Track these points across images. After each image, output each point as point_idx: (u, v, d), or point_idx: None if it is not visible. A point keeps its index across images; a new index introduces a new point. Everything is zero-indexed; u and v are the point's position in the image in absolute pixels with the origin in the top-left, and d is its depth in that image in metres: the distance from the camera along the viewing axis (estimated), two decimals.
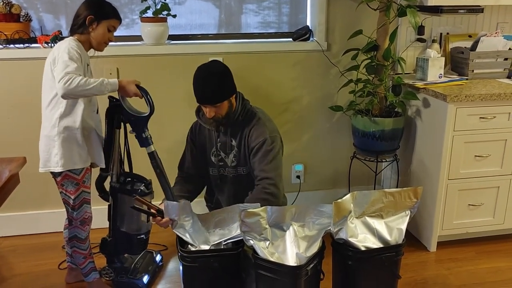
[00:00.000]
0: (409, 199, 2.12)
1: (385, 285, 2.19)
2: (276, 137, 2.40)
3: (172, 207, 2.13)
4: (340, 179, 3.35)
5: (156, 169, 2.31)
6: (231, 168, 2.46)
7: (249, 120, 2.41)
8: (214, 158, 2.48)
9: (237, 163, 2.44)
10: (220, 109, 2.31)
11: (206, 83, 2.27)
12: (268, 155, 2.33)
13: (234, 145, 2.41)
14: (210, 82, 2.27)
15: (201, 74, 2.30)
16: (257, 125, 2.38)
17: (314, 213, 2.06)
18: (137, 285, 2.46)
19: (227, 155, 2.44)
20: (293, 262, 1.97)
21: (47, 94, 2.15)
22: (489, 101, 2.61)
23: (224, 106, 2.31)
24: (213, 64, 2.37)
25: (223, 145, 2.44)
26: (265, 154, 2.33)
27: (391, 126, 2.78)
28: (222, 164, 2.47)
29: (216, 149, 2.45)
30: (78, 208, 2.25)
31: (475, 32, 3.19)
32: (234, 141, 2.41)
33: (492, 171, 2.75)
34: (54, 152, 2.15)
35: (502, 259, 2.77)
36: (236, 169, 2.45)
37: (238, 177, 2.46)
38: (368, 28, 2.87)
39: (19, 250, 2.87)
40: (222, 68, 2.34)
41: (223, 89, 2.30)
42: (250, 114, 2.42)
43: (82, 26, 2.16)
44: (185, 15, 3.05)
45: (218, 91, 2.28)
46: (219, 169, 2.48)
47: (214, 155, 2.47)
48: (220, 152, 2.45)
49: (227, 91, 2.32)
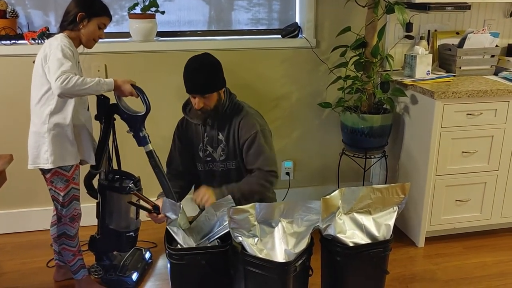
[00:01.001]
0: (397, 195, 2.14)
1: (373, 281, 2.20)
2: (266, 130, 2.42)
3: (170, 205, 2.14)
4: (329, 176, 3.36)
5: (155, 167, 2.30)
6: (219, 162, 2.45)
7: (237, 113, 2.41)
8: (201, 154, 2.47)
9: (226, 157, 2.43)
10: (209, 100, 2.31)
11: (198, 73, 2.28)
12: (264, 151, 2.35)
13: (222, 139, 2.41)
14: (202, 72, 2.28)
15: (193, 64, 2.31)
16: (246, 118, 2.38)
17: (302, 210, 2.06)
18: (126, 282, 2.45)
19: (214, 150, 2.44)
20: (282, 258, 1.98)
21: (37, 90, 2.13)
22: (476, 97, 2.63)
23: (213, 98, 2.32)
24: (205, 56, 2.36)
25: (210, 139, 2.43)
26: (261, 149, 2.34)
27: (380, 122, 2.79)
28: (210, 159, 2.46)
29: (204, 144, 2.45)
30: (68, 205, 2.24)
31: (462, 29, 3.21)
32: (221, 135, 2.41)
33: (479, 167, 2.78)
34: (44, 148, 2.13)
35: (489, 254, 2.80)
36: (225, 163, 2.45)
37: (227, 172, 2.46)
38: (356, 25, 2.88)
39: (6, 248, 2.85)
40: (214, 60, 2.35)
41: (214, 80, 2.31)
42: (237, 107, 2.43)
43: (72, 23, 2.14)
44: (174, 11, 3.03)
45: (209, 82, 2.29)
46: (208, 164, 2.48)
47: (202, 151, 2.46)
48: (207, 147, 2.44)
49: (217, 83, 2.33)
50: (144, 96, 2.23)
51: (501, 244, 2.90)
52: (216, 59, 2.36)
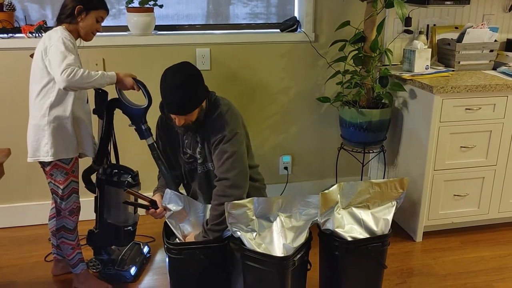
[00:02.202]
0: (395, 189, 2.14)
1: (372, 275, 2.21)
2: (237, 134, 2.18)
3: (173, 196, 2.14)
4: (327, 170, 3.36)
5: (157, 160, 2.30)
6: (199, 164, 2.33)
7: (212, 112, 2.22)
8: (183, 156, 2.37)
9: (203, 159, 2.29)
10: (191, 116, 2.15)
11: (176, 93, 2.08)
12: (224, 155, 2.15)
13: (199, 141, 2.27)
14: (180, 91, 2.08)
15: (170, 83, 2.10)
16: (217, 119, 2.20)
17: (301, 204, 2.07)
18: (124, 276, 2.45)
19: (194, 151, 2.32)
20: (280, 252, 1.98)
21: (36, 83, 2.12)
22: (475, 92, 2.63)
23: (194, 114, 2.15)
24: (182, 69, 2.14)
25: (189, 142, 2.32)
26: (222, 153, 2.15)
27: (378, 117, 2.79)
28: (192, 161, 2.35)
29: (183, 146, 2.35)
30: (67, 198, 2.24)
31: (461, 23, 3.20)
32: (198, 137, 2.26)
33: (477, 162, 2.78)
34: (44, 141, 2.13)
35: (486, 248, 2.81)
36: (204, 165, 2.31)
37: (207, 173, 2.33)
38: (355, 19, 2.87)
39: (3, 243, 2.84)
40: (192, 72, 2.13)
41: (195, 99, 2.12)
42: (213, 106, 2.23)
43: (70, 16, 2.13)
44: (172, 5, 3.02)
45: (189, 102, 2.10)
46: (190, 164, 2.37)
47: (183, 152, 2.37)
48: (186, 149, 2.34)
49: (198, 99, 2.14)
50: (146, 89, 2.23)
51: (498, 239, 2.91)
52: (195, 71, 2.14)
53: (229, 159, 2.14)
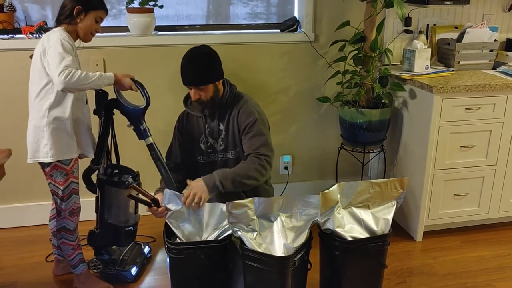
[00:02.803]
0: (395, 189, 2.14)
1: (372, 275, 2.21)
2: (264, 119, 2.44)
3: (172, 196, 2.14)
4: (327, 170, 3.36)
5: (157, 160, 2.31)
6: (220, 152, 2.46)
7: (237, 101, 2.42)
8: (203, 146, 2.47)
9: (225, 147, 2.44)
10: (205, 92, 2.31)
11: (192, 65, 2.29)
12: (262, 136, 2.35)
13: (222, 129, 2.42)
14: (196, 63, 2.29)
15: (188, 56, 2.32)
16: (246, 106, 2.40)
17: (301, 204, 2.07)
18: (125, 276, 2.46)
19: (215, 141, 2.44)
20: (281, 252, 1.98)
21: (35, 84, 2.12)
22: (475, 92, 2.63)
23: (209, 90, 2.32)
24: (202, 47, 2.37)
25: (211, 131, 2.44)
26: (259, 134, 2.35)
27: (378, 117, 2.79)
28: (211, 151, 2.47)
29: (205, 136, 2.45)
30: (67, 199, 2.24)
31: (461, 23, 3.21)
32: (222, 125, 2.42)
33: (477, 161, 2.78)
34: (43, 142, 2.13)
35: (486, 247, 2.81)
36: (224, 153, 2.45)
37: (227, 162, 2.46)
38: (355, 19, 2.87)
39: (4, 243, 2.85)
40: (210, 51, 2.35)
41: (209, 72, 2.31)
42: (237, 97, 2.44)
43: (69, 16, 2.13)
44: (172, 5, 3.02)
45: (203, 73, 2.29)
46: (209, 155, 2.48)
47: (203, 142, 2.47)
48: (208, 138, 2.45)
49: (213, 75, 2.33)
50: (144, 90, 2.24)
51: (499, 238, 2.91)
52: (213, 51, 2.37)
53: (266, 140, 2.36)
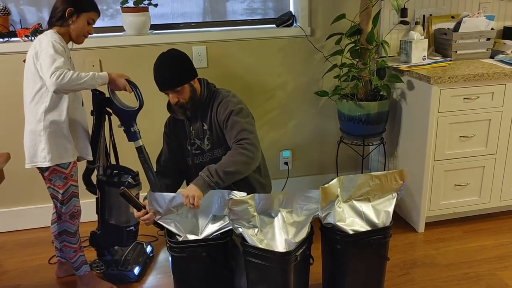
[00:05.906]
0: (395, 181, 2.14)
1: (374, 267, 2.21)
2: (242, 108, 2.35)
3: (156, 198, 2.13)
4: (328, 164, 3.36)
5: (144, 163, 2.30)
6: (207, 152, 2.43)
7: (215, 99, 2.39)
8: (190, 148, 2.45)
9: (212, 146, 2.41)
10: (182, 94, 2.30)
11: (163, 69, 2.28)
12: (237, 123, 2.27)
13: (206, 128, 2.39)
14: (165, 67, 2.28)
15: (157, 62, 2.31)
16: (222, 102, 2.36)
17: (301, 199, 2.07)
18: (128, 276, 2.46)
19: (202, 141, 2.42)
20: (282, 248, 1.98)
21: (30, 88, 2.11)
22: (473, 81, 2.62)
23: (185, 91, 2.30)
24: (170, 51, 2.36)
25: (196, 132, 2.41)
26: (235, 123, 2.28)
27: (377, 109, 2.79)
28: (199, 152, 2.44)
29: (191, 138, 2.43)
30: (67, 202, 2.24)
31: (457, 13, 3.19)
32: (205, 125, 2.39)
33: (477, 151, 2.78)
34: (41, 147, 2.12)
35: (488, 237, 2.81)
36: (212, 152, 2.42)
37: (215, 161, 2.36)
38: (351, 12, 2.86)
39: (7, 247, 2.85)
40: (178, 53, 2.34)
41: (180, 73, 2.29)
42: (215, 94, 2.41)
43: (61, 18, 2.12)
44: (167, 3, 3.01)
45: (174, 75, 2.27)
46: (198, 157, 2.45)
47: (190, 144, 2.44)
48: (195, 140, 2.43)
49: (184, 75, 2.30)
50: (138, 91, 2.23)
51: (500, 227, 2.91)
52: (180, 52, 2.35)
53: (244, 125, 2.27)
